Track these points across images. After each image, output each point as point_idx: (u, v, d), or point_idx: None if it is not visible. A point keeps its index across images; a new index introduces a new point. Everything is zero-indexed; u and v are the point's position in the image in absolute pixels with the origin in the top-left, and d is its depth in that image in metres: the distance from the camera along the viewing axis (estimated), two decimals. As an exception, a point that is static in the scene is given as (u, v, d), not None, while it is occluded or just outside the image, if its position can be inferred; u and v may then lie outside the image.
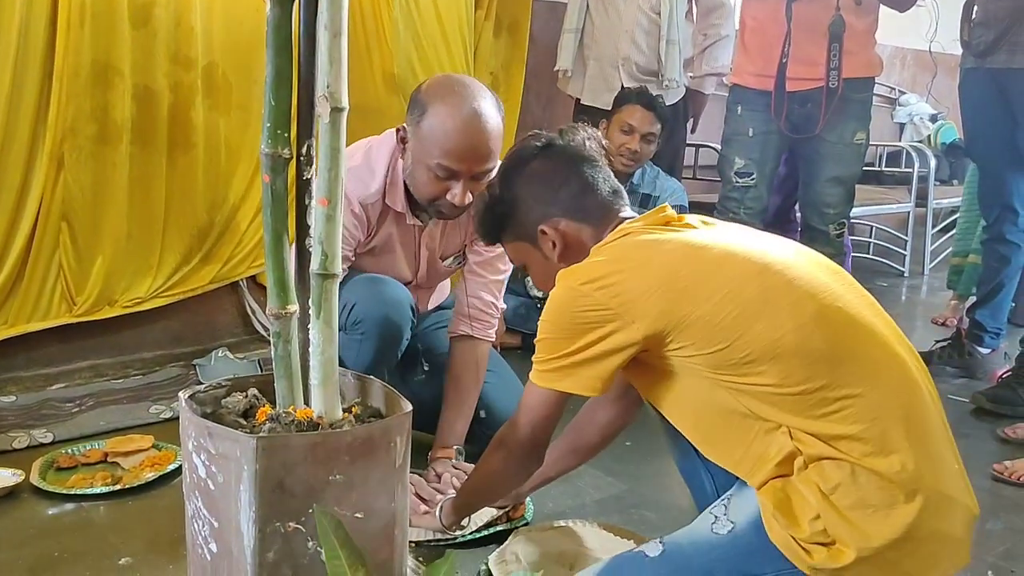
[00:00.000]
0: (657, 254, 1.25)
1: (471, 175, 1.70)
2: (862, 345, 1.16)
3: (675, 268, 1.21)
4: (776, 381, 1.13)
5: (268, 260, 1.21)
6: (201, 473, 1.17)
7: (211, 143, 2.64)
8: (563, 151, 1.43)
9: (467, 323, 1.95)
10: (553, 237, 1.38)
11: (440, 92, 1.71)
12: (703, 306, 1.16)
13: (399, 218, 1.87)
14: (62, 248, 2.43)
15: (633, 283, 1.21)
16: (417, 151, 1.72)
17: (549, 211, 1.39)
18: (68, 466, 1.89)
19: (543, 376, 1.29)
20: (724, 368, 1.16)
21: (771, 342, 1.13)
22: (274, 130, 1.18)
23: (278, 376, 1.24)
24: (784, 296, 1.16)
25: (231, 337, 2.87)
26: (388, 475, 1.19)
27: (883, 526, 1.09)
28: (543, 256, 1.41)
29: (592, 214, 1.38)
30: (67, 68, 2.32)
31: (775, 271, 1.19)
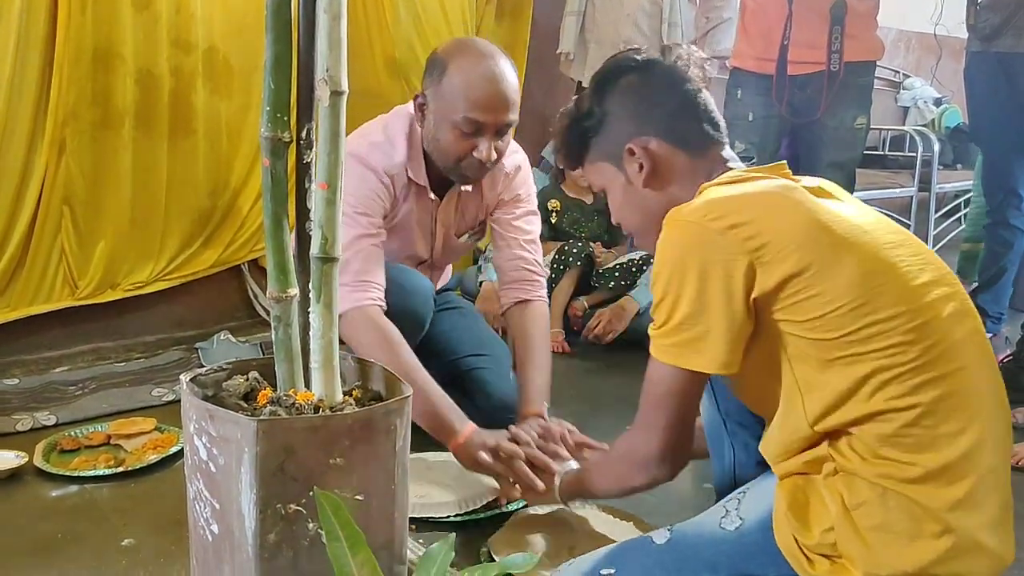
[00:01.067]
0: (792, 202, 1.11)
1: (496, 127, 1.71)
2: (969, 375, 1.07)
3: (819, 223, 1.08)
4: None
5: (268, 244, 1.21)
6: (202, 455, 1.17)
7: (212, 127, 2.64)
8: (663, 69, 1.30)
9: (515, 287, 1.92)
10: (642, 157, 1.25)
11: (458, 50, 1.76)
12: (837, 277, 1.05)
13: (420, 192, 1.88)
14: (64, 232, 2.43)
15: (773, 225, 1.07)
16: (440, 110, 1.73)
17: (641, 128, 1.26)
18: (71, 448, 1.91)
19: (669, 351, 1.12)
20: (834, 332, 1.04)
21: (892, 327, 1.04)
22: (274, 114, 1.18)
23: (279, 359, 1.25)
24: (908, 301, 1.06)
25: (233, 320, 2.88)
26: (388, 458, 1.20)
27: (899, 556, 1.02)
28: (627, 180, 1.28)
29: (689, 141, 1.26)
30: (68, 53, 2.32)
31: (900, 274, 1.08)
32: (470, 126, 1.70)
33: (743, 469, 1.28)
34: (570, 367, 2.67)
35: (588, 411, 2.31)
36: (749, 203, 1.11)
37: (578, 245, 3.03)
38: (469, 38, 1.85)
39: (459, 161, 1.75)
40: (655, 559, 1.20)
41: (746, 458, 1.24)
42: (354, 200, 1.70)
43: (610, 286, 2.98)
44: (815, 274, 1.05)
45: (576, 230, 3.15)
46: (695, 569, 1.16)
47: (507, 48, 3.37)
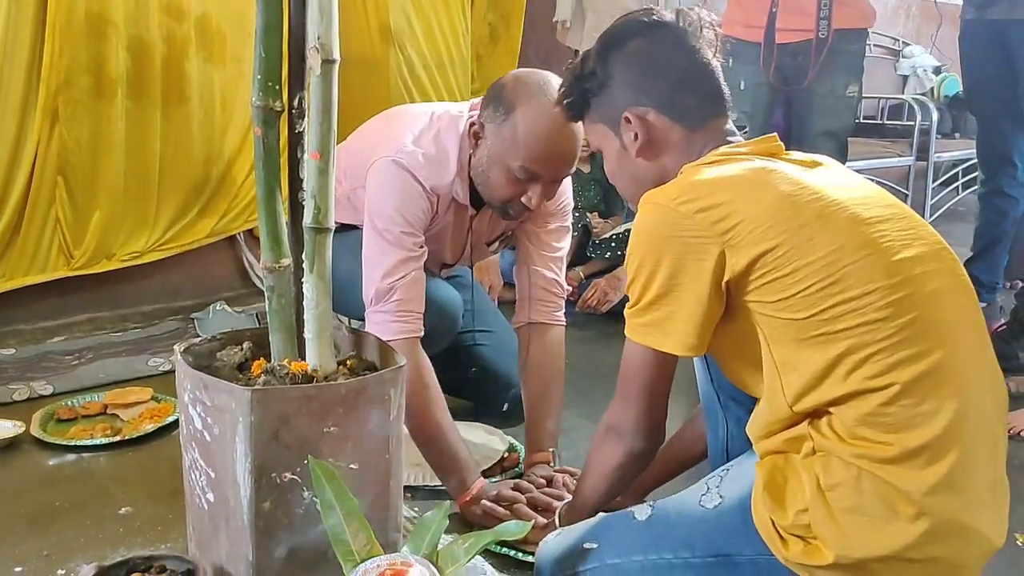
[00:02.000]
0: (764, 182, 1.11)
1: (552, 181, 1.63)
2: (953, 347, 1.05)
3: (792, 203, 1.08)
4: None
5: (261, 214, 1.21)
6: (197, 425, 1.18)
7: (205, 96, 2.62)
8: (671, 34, 1.27)
9: (534, 308, 1.84)
10: (637, 127, 1.24)
11: (529, 92, 1.60)
12: (807, 256, 1.05)
13: (459, 208, 1.79)
14: (58, 202, 2.43)
15: (743, 207, 1.07)
16: (498, 151, 1.62)
17: (640, 97, 1.25)
18: (68, 418, 1.92)
19: (639, 331, 1.15)
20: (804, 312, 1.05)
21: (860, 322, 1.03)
22: (265, 82, 1.17)
23: (273, 330, 1.25)
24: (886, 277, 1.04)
25: (229, 291, 2.88)
26: (382, 427, 1.21)
27: (872, 539, 1.00)
28: (621, 145, 1.28)
29: (687, 114, 1.24)
30: (59, 20, 2.30)
31: (883, 247, 1.06)
32: (525, 175, 1.60)
33: (736, 443, 1.29)
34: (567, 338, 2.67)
35: (584, 380, 2.32)
36: (720, 186, 1.11)
37: (574, 215, 3.01)
38: (541, 75, 1.65)
39: (505, 202, 1.66)
40: (635, 535, 1.20)
41: (738, 432, 1.23)
42: (400, 218, 1.63)
43: (606, 256, 2.98)
44: (785, 254, 1.05)
45: (573, 199, 3.14)
46: (673, 547, 1.16)
47: (504, 15, 3.37)
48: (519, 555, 1.41)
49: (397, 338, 1.57)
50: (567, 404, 1.95)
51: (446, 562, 1.13)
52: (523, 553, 1.41)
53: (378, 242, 1.62)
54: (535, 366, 1.81)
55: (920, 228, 1.13)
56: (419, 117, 1.78)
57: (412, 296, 1.62)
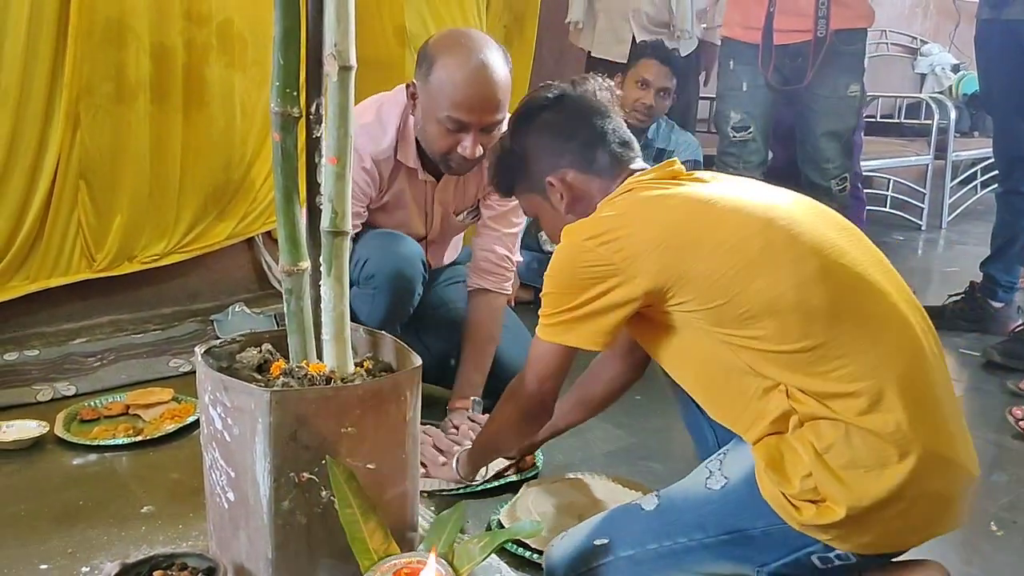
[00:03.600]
0: (661, 209, 1.24)
1: (481, 127, 1.71)
2: (864, 303, 1.16)
3: (678, 223, 1.20)
4: (775, 338, 1.13)
5: (279, 218, 1.23)
6: (217, 425, 1.20)
7: (226, 100, 2.65)
8: (573, 102, 1.41)
9: (482, 277, 1.99)
10: (561, 189, 1.37)
11: (447, 45, 1.73)
12: (704, 262, 1.16)
13: (411, 174, 1.88)
14: (80, 206, 2.46)
15: (635, 239, 1.20)
16: (427, 105, 1.73)
17: (558, 163, 1.38)
18: (91, 418, 1.95)
19: (547, 330, 1.30)
20: (724, 324, 1.16)
21: (771, 299, 1.13)
22: (283, 89, 1.19)
23: (291, 331, 1.27)
24: (786, 252, 1.16)
25: (247, 292, 2.91)
26: (399, 427, 1.22)
27: (874, 486, 1.09)
28: (552, 207, 1.41)
29: (601, 166, 1.37)
30: (81, 27, 2.33)
31: (779, 226, 1.18)
32: (454, 124, 1.70)
33: (723, 431, 1.31)
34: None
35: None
36: (621, 219, 1.24)
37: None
38: (461, 30, 1.81)
39: (445, 155, 1.75)
40: (645, 525, 1.24)
41: (727, 434, 1.27)
42: None
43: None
44: (676, 287, 1.18)
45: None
46: (685, 531, 1.21)
47: (518, 17, 3.38)
48: (535, 556, 1.42)
49: None
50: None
51: (462, 561, 1.14)
52: (538, 554, 1.42)
53: None
54: (475, 326, 1.97)
55: (823, 212, 1.26)
56: (379, 98, 1.90)
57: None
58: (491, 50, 1.71)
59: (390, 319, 1.84)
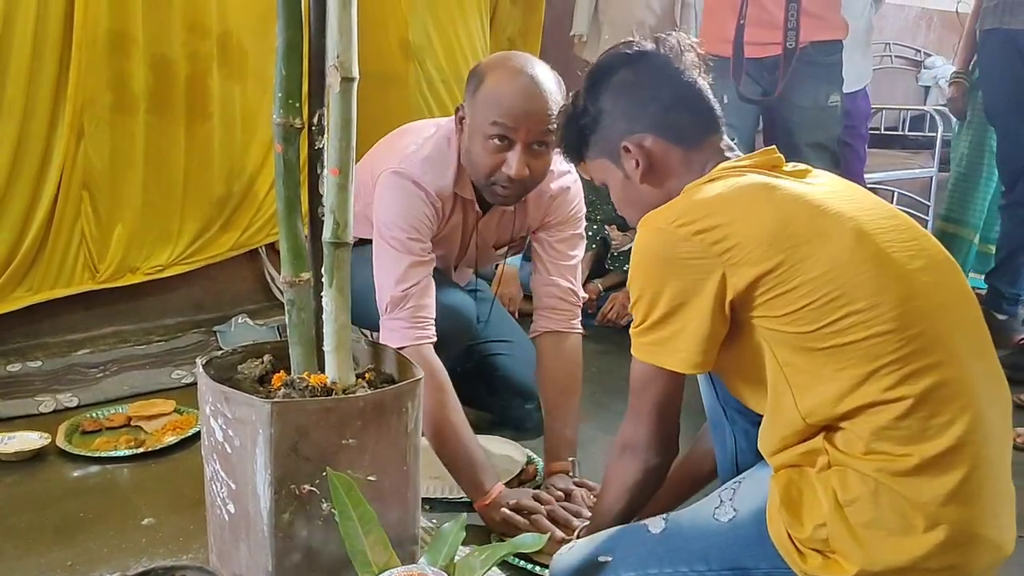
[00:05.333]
0: (770, 202, 1.11)
1: (527, 140, 1.62)
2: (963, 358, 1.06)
3: (789, 220, 1.08)
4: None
5: (281, 229, 1.23)
6: (218, 437, 1.20)
7: (228, 112, 2.66)
8: (655, 61, 1.28)
9: (549, 317, 1.84)
10: (637, 155, 1.25)
11: (498, 62, 1.69)
12: (811, 272, 1.05)
13: (466, 206, 1.81)
14: (84, 217, 2.46)
15: (741, 227, 1.08)
16: (474, 121, 1.65)
17: (635, 126, 1.26)
18: (93, 430, 1.94)
19: (644, 350, 1.17)
20: (809, 342, 1.06)
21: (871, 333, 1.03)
22: (285, 100, 1.20)
23: (293, 343, 1.27)
24: (895, 287, 1.05)
25: (251, 304, 2.91)
26: (400, 439, 1.22)
27: (892, 552, 1.01)
28: (625, 176, 1.28)
29: (684, 134, 1.25)
30: (85, 38, 2.34)
31: (891, 258, 1.07)
32: (500, 137, 1.61)
33: (744, 456, 1.28)
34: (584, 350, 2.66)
35: (602, 393, 2.32)
36: (719, 206, 1.12)
37: (593, 228, 3.03)
38: (514, 52, 1.77)
39: (490, 176, 1.65)
40: (650, 548, 1.20)
41: (747, 445, 1.24)
42: (405, 224, 1.66)
43: (624, 268, 2.99)
44: (786, 271, 1.06)
45: (591, 212, 3.14)
46: (688, 560, 1.16)
47: (522, 31, 3.39)
48: (536, 568, 1.41)
49: (412, 344, 1.60)
50: (585, 417, 1.96)
51: (463, 574, 1.14)
52: (540, 566, 1.41)
53: (387, 251, 1.66)
54: (552, 374, 1.82)
55: (923, 239, 1.13)
56: (425, 128, 1.84)
57: (425, 302, 1.65)
58: (542, 67, 1.66)
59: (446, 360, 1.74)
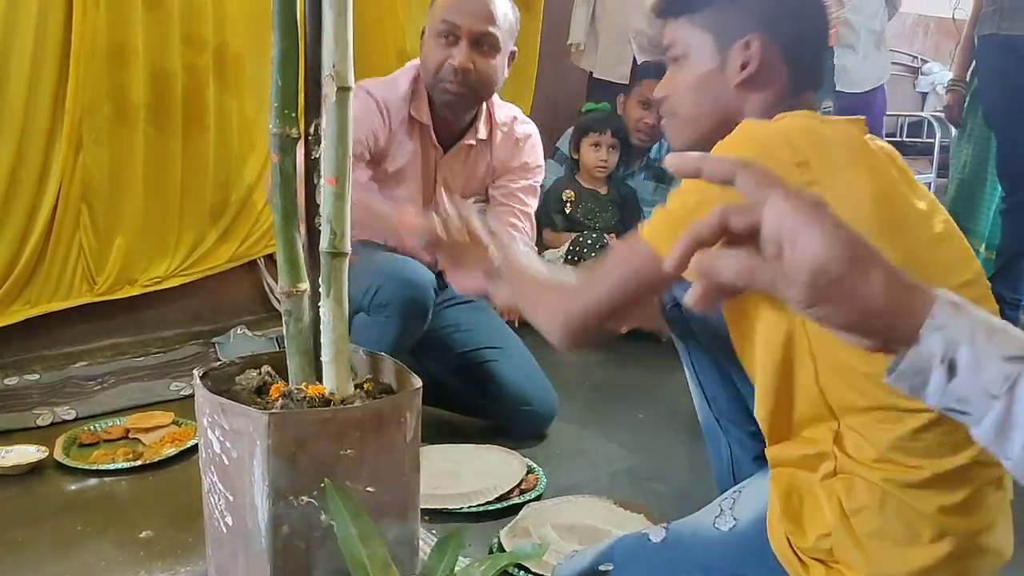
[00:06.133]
0: (865, 168, 1.01)
1: (471, 36, 1.82)
2: None
3: (878, 197, 1.00)
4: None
5: (278, 239, 1.22)
6: (216, 449, 1.19)
7: (225, 123, 2.66)
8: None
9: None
10: (753, 59, 1.12)
11: None
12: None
13: (423, 135, 1.94)
14: (82, 229, 2.46)
15: (837, 183, 0.98)
16: (428, 30, 1.86)
17: (772, 31, 1.13)
18: (90, 442, 1.93)
19: (658, 227, 1.04)
20: None
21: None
22: (281, 110, 1.19)
23: (290, 353, 1.26)
24: None
25: (249, 315, 2.91)
26: (399, 450, 1.21)
27: (898, 562, 1.00)
28: (719, 66, 1.15)
29: (806, 80, 1.16)
30: (84, 49, 2.34)
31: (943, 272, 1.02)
32: (447, 32, 1.80)
33: (741, 465, 1.28)
34: (584, 359, 2.67)
35: (601, 400, 2.32)
36: (827, 151, 1.01)
37: (592, 236, 3.03)
38: None
39: (438, 73, 1.83)
40: (650, 558, 1.19)
41: (743, 454, 1.23)
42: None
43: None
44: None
45: (591, 220, 3.15)
46: (688, 570, 1.15)
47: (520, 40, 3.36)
48: (536, 579, 1.40)
49: None
50: (585, 424, 1.95)
51: (463, 585, 1.13)
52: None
53: None
54: None
55: (967, 251, 1.10)
56: None
57: None
58: None
59: (399, 346, 1.82)
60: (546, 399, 2.01)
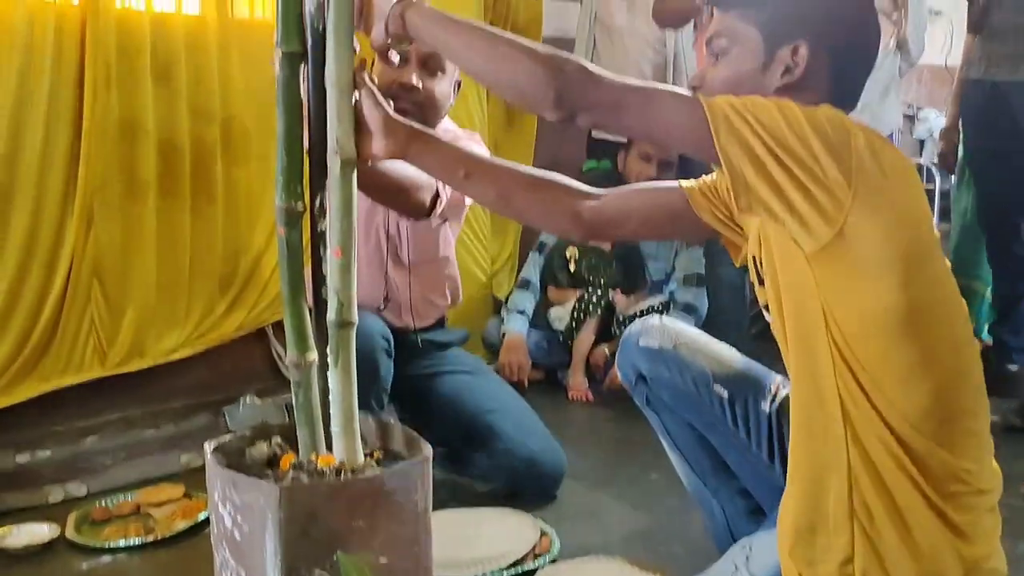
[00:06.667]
0: (920, 195, 1.08)
1: (420, 56, 1.84)
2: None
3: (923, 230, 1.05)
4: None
5: (286, 311, 1.24)
6: (227, 523, 1.19)
7: (232, 194, 2.70)
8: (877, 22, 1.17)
9: None
10: (798, 65, 1.12)
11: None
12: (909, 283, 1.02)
13: None
14: (94, 303, 2.48)
15: (892, 195, 1.02)
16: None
17: (824, 40, 1.12)
18: (102, 519, 1.93)
19: (726, 109, 1.01)
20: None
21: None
22: (287, 184, 1.22)
23: (300, 424, 1.27)
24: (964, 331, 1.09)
25: (259, 382, 2.90)
26: (410, 519, 1.20)
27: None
28: (760, 66, 1.14)
29: (848, 96, 1.15)
30: (95, 127, 2.39)
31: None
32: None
33: (737, 524, 1.27)
34: (593, 416, 2.67)
35: (613, 459, 2.30)
36: (896, 155, 1.05)
37: (598, 293, 3.04)
38: None
39: (388, 90, 1.78)
40: None
41: (736, 512, 1.23)
42: None
43: (631, 333, 2.98)
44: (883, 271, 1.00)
45: (595, 276, 3.16)
46: None
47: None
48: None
49: None
50: (596, 484, 1.94)
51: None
52: None
53: None
54: None
55: None
56: None
57: None
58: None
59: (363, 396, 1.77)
60: (554, 458, 2.00)
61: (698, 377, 1.34)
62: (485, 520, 1.84)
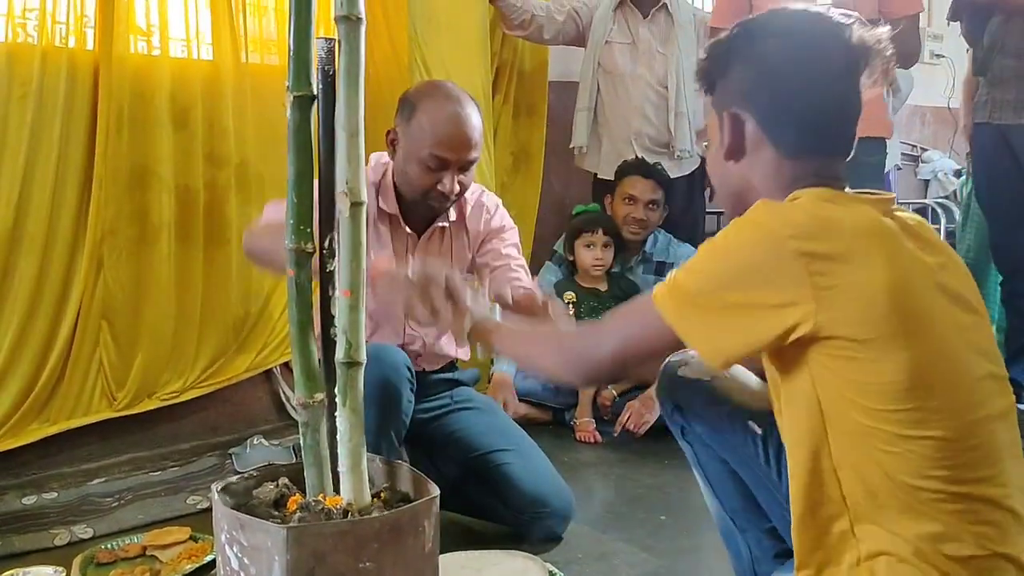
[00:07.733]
0: (884, 255, 0.99)
1: (459, 164, 1.87)
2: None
3: (898, 287, 0.99)
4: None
5: (294, 351, 1.25)
6: (234, 566, 1.18)
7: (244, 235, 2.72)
8: (811, 53, 1.11)
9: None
10: (729, 131, 1.14)
11: (427, 92, 1.94)
12: (902, 355, 0.98)
13: (393, 224, 1.98)
14: (102, 346, 2.50)
15: (852, 271, 0.97)
16: (408, 147, 1.88)
17: (744, 102, 1.13)
18: (108, 561, 1.91)
19: (670, 301, 1.05)
20: (875, 402, 0.99)
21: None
22: (297, 226, 1.23)
23: (307, 464, 1.27)
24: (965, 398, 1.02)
25: (266, 424, 2.90)
26: (417, 560, 1.20)
27: None
28: (720, 145, 1.19)
29: (798, 146, 1.11)
30: (107, 173, 2.42)
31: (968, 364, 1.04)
32: (435, 162, 1.85)
33: (761, 565, 1.26)
34: (601, 458, 2.65)
35: (621, 503, 2.29)
36: (840, 241, 0.99)
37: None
38: (439, 81, 2.12)
39: (425, 194, 1.89)
40: None
41: (762, 553, 1.22)
42: None
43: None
44: (875, 347, 0.97)
45: (594, 319, 3.17)
46: None
47: (525, 145, 3.49)
48: None
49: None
50: (605, 529, 1.92)
51: None
52: None
53: None
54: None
55: (991, 340, 1.12)
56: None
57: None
58: (466, 97, 1.92)
59: (382, 431, 1.78)
60: (562, 499, 1.99)
61: (733, 412, 1.32)
62: (493, 562, 1.82)
